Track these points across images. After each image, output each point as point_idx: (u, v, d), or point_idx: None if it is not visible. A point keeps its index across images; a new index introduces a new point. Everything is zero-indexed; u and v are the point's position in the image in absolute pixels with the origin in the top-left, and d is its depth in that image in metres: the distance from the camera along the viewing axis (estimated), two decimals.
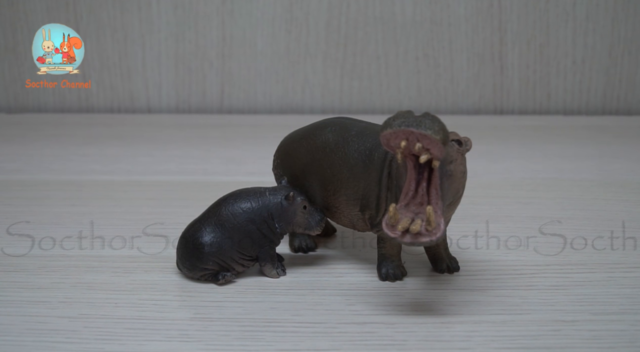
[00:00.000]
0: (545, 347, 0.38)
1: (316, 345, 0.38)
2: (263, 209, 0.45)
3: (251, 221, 0.45)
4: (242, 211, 0.45)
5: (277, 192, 0.46)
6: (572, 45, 0.98)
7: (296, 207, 0.46)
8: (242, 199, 0.46)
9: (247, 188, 0.47)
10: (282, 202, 0.46)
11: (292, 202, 0.46)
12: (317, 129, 0.49)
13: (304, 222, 0.46)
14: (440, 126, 0.39)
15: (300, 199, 0.46)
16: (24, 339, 0.38)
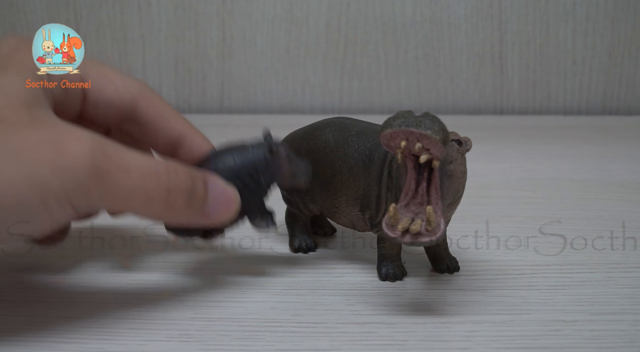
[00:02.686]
0: (545, 347, 0.38)
1: (316, 345, 0.38)
2: (247, 164, 0.44)
3: (236, 177, 0.44)
4: (225, 167, 0.44)
5: (260, 146, 0.45)
6: (572, 45, 0.98)
7: (280, 159, 0.45)
8: (226, 155, 0.44)
9: (230, 144, 0.46)
10: (265, 156, 0.44)
11: (275, 155, 0.44)
12: (317, 129, 0.49)
13: (289, 173, 0.45)
14: (440, 126, 0.39)
15: (284, 151, 0.45)
16: (24, 339, 0.38)
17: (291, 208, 0.51)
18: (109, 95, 0.44)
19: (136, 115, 0.45)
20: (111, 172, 0.37)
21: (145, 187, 0.38)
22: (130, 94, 0.44)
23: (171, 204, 0.39)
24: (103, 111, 0.44)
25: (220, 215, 0.42)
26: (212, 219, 0.42)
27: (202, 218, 0.42)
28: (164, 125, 0.46)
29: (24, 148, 0.35)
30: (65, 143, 0.36)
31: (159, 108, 0.46)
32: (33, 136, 0.36)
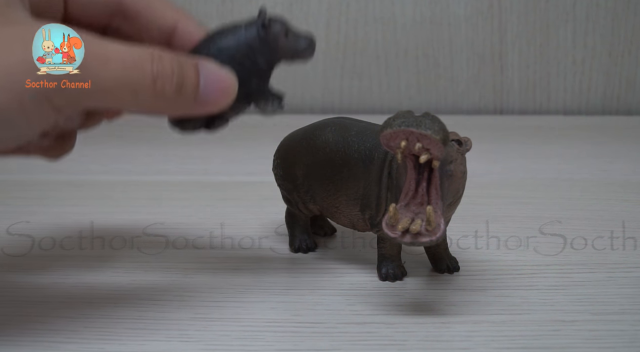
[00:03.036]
0: (545, 347, 0.38)
1: (316, 345, 0.38)
2: (240, 45, 0.41)
3: (230, 59, 0.41)
4: (218, 51, 0.41)
5: (254, 24, 0.42)
6: (572, 45, 0.98)
7: (276, 34, 0.41)
8: (218, 38, 0.42)
9: (221, 27, 0.43)
10: (259, 34, 0.41)
11: (268, 31, 0.41)
12: (317, 129, 0.49)
13: (289, 49, 0.42)
14: (440, 126, 0.39)
15: (280, 25, 0.42)
16: (24, 339, 0.38)
17: (291, 208, 0.51)
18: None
19: (124, 9, 0.42)
20: (89, 64, 0.35)
21: (129, 76, 0.36)
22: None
23: (159, 93, 0.37)
24: (88, 10, 0.42)
25: (217, 100, 0.39)
26: (208, 105, 0.39)
27: (197, 106, 0.39)
28: (154, 17, 0.43)
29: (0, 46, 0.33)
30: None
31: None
32: (10, 32, 0.34)
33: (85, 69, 0.35)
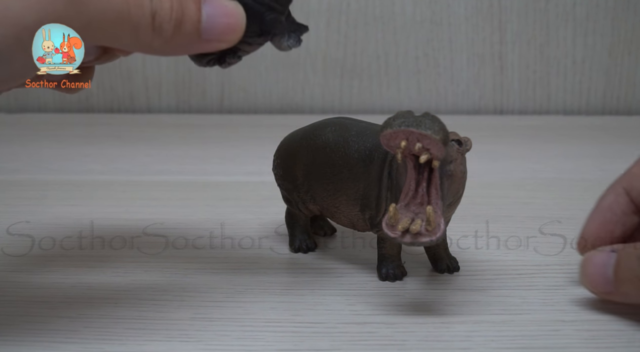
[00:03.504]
0: (545, 347, 0.38)
1: (316, 345, 0.38)
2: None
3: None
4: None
5: None
6: (572, 45, 0.98)
7: None
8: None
9: None
10: None
11: None
12: (317, 129, 0.49)
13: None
14: (440, 126, 0.39)
15: None
16: (24, 339, 0.38)
17: (291, 208, 0.51)
18: None
19: None
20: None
21: (129, 11, 0.34)
22: None
23: (158, 30, 0.35)
24: None
25: (223, 36, 0.37)
26: (213, 42, 0.37)
27: (201, 43, 0.37)
28: None
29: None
30: None
31: None
32: None
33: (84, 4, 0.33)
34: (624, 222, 0.46)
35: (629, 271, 0.40)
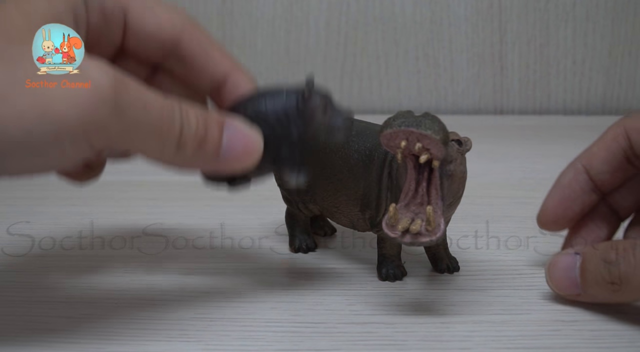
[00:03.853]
0: (545, 347, 0.38)
1: (316, 345, 0.38)
2: (278, 110, 0.40)
3: (264, 122, 0.40)
4: (254, 112, 0.40)
5: (296, 92, 0.41)
6: (572, 45, 0.98)
7: (313, 109, 0.40)
8: (258, 99, 0.41)
9: (267, 87, 0.42)
10: (297, 102, 0.40)
11: (307, 103, 0.40)
12: None
13: (324, 125, 0.41)
14: (440, 126, 0.39)
15: (320, 101, 0.40)
16: (24, 339, 0.38)
17: (291, 208, 0.51)
18: (151, 28, 0.41)
19: (180, 51, 0.42)
20: (132, 108, 0.34)
21: (161, 126, 0.36)
22: (174, 28, 0.41)
23: (182, 147, 0.37)
24: (145, 45, 0.41)
25: (239, 160, 0.39)
26: (230, 164, 0.39)
27: (217, 163, 0.39)
28: (208, 64, 0.42)
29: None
30: (87, 74, 0.33)
31: (204, 44, 0.42)
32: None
33: (126, 113, 0.34)
34: (583, 200, 0.47)
35: (595, 273, 0.41)
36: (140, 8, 0.41)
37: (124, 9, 0.41)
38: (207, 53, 0.42)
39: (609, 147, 0.47)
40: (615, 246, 0.41)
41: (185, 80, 0.44)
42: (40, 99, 0.32)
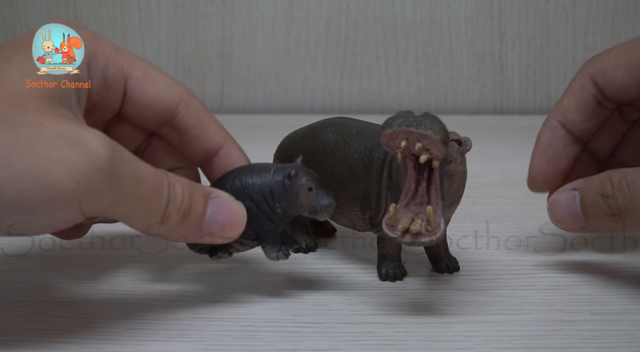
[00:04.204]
0: (545, 347, 0.38)
1: (316, 345, 0.38)
2: (264, 186, 0.42)
3: (249, 197, 0.42)
4: (240, 186, 0.42)
5: (283, 170, 0.42)
6: (572, 45, 0.98)
7: (299, 187, 0.42)
8: (244, 174, 0.43)
9: (255, 163, 0.44)
10: (283, 181, 0.42)
11: (294, 181, 0.42)
12: (317, 129, 0.49)
13: (308, 205, 0.42)
14: (440, 126, 0.39)
15: (306, 180, 0.42)
16: (24, 339, 0.38)
17: None
18: (151, 97, 0.43)
19: (176, 121, 0.44)
20: (126, 179, 0.36)
21: (150, 197, 0.37)
22: (173, 98, 0.43)
23: (166, 218, 0.38)
24: (142, 112, 0.43)
25: (222, 233, 0.40)
26: (213, 236, 0.40)
27: (200, 235, 0.40)
28: (203, 136, 0.44)
29: (39, 142, 0.34)
30: (85, 142, 0.34)
31: (200, 116, 0.44)
32: (51, 130, 0.34)
33: (119, 183, 0.35)
34: (567, 154, 0.48)
35: (595, 207, 0.43)
36: (141, 76, 0.42)
37: (125, 75, 0.42)
38: (202, 124, 0.44)
39: (579, 96, 0.47)
40: (609, 177, 0.42)
41: (179, 149, 0.45)
42: (38, 163, 0.33)
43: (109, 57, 0.42)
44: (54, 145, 0.34)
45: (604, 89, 0.47)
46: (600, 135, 0.49)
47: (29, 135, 0.34)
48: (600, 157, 0.50)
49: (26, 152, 0.33)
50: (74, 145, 0.34)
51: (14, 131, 0.34)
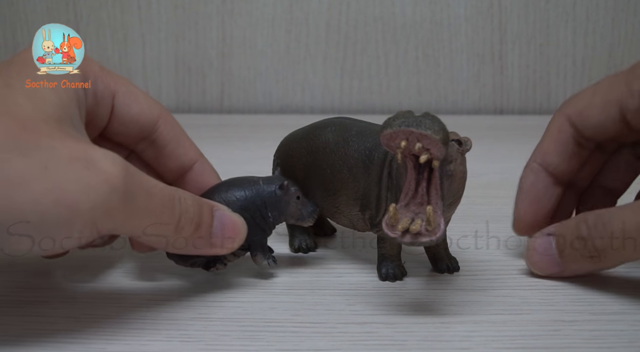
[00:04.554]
0: (545, 347, 0.38)
1: (316, 345, 0.38)
2: (257, 198, 0.45)
3: (245, 209, 0.44)
4: (235, 199, 0.45)
5: (272, 182, 0.46)
6: (572, 45, 0.98)
7: (289, 197, 0.45)
8: (236, 187, 0.45)
9: (240, 177, 0.47)
10: (275, 192, 0.45)
11: (286, 191, 0.45)
12: (317, 129, 0.49)
13: (297, 212, 0.46)
14: (440, 126, 0.39)
15: (294, 189, 0.46)
16: (24, 339, 0.38)
17: None
18: (135, 113, 0.45)
19: (155, 136, 0.46)
20: (138, 196, 0.37)
21: (163, 213, 0.39)
22: (153, 114, 0.45)
23: (179, 232, 0.40)
24: (126, 129, 0.45)
25: (226, 244, 0.42)
26: (216, 248, 0.42)
27: (208, 246, 0.42)
28: (179, 150, 0.46)
29: (54, 164, 0.35)
30: (98, 162, 0.36)
31: (177, 132, 0.46)
32: (65, 151, 0.35)
33: (133, 201, 0.37)
34: (549, 196, 0.48)
35: (572, 250, 0.43)
36: (126, 93, 0.44)
37: (112, 92, 0.44)
38: (178, 139, 0.46)
39: (558, 139, 0.48)
40: (584, 220, 0.43)
41: (152, 163, 0.47)
42: (55, 184, 0.34)
43: (97, 75, 0.43)
44: (69, 167, 0.35)
45: (582, 129, 0.47)
46: (580, 170, 0.49)
47: (43, 158, 0.35)
48: (580, 186, 0.50)
49: (43, 174, 0.34)
50: (88, 167, 0.35)
51: (29, 155, 0.34)
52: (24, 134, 0.35)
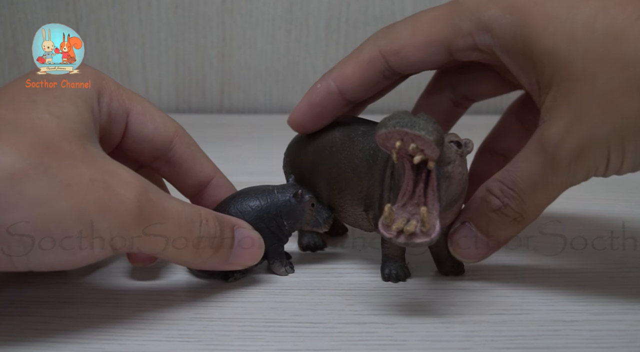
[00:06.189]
0: (545, 347, 0.38)
1: (316, 345, 0.38)
2: (272, 207, 0.45)
3: (260, 219, 0.45)
4: (250, 209, 0.45)
5: (286, 190, 0.46)
6: None
7: (304, 205, 0.46)
8: (251, 197, 0.46)
9: (255, 186, 0.47)
10: (290, 200, 0.46)
11: (300, 200, 0.46)
12: (325, 128, 0.49)
13: (312, 219, 0.46)
14: (435, 127, 0.39)
15: (309, 197, 0.46)
16: (24, 339, 0.38)
17: None
18: (149, 131, 0.45)
19: (170, 154, 0.46)
20: (152, 218, 0.38)
21: (179, 234, 0.40)
22: (168, 133, 0.46)
23: (199, 252, 0.41)
24: (140, 146, 0.45)
25: (244, 261, 0.44)
26: (235, 265, 0.43)
27: (226, 264, 0.43)
28: (195, 168, 0.47)
29: (76, 183, 0.36)
30: (115, 184, 0.37)
31: (193, 150, 0.47)
32: (85, 172, 0.37)
33: (146, 224, 0.38)
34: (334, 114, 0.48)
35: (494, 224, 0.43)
36: (140, 111, 0.45)
37: (127, 110, 0.44)
38: (194, 157, 0.47)
39: (366, 70, 0.47)
40: (490, 191, 0.43)
41: (169, 178, 0.48)
42: (77, 203, 0.36)
43: (112, 93, 0.44)
44: (89, 187, 0.36)
45: (396, 67, 0.46)
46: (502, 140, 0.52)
47: (65, 177, 0.36)
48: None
49: (65, 193, 0.36)
50: (106, 188, 0.37)
51: (52, 174, 0.36)
52: (46, 153, 0.36)
